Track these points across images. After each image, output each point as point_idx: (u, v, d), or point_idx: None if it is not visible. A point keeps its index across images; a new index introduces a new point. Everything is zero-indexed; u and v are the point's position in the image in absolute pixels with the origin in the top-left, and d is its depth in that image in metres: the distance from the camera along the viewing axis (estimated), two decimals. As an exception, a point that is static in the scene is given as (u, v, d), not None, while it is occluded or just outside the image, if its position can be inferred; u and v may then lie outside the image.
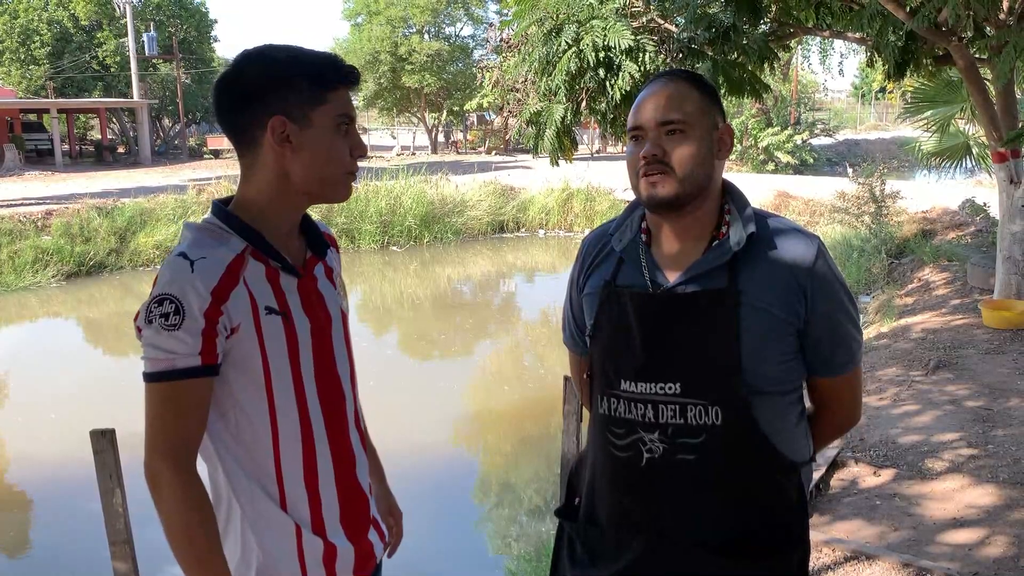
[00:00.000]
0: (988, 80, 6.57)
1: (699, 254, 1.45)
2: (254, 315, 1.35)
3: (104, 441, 2.92)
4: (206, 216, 1.42)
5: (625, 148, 1.52)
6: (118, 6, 30.11)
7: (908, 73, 6.51)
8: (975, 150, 9.70)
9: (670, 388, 1.42)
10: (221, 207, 1.41)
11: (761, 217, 1.47)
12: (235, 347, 1.34)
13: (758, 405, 1.41)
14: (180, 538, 1.31)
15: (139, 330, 1.32)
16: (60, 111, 27.26)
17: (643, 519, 1.48)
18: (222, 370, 1.35)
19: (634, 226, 1.53)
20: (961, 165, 10.08)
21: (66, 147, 28.74)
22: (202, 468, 1.41)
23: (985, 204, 11.47)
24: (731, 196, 1.49)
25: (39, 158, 27.10)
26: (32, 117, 29.56)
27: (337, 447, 1.47)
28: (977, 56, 6.36)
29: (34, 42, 31.55)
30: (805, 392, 1.56)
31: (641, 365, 1.44)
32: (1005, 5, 5.67)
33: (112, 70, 32.64)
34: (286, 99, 1.35)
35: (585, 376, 1.60)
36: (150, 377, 1.31)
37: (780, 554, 1.47)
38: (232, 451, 1.39)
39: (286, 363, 1.39)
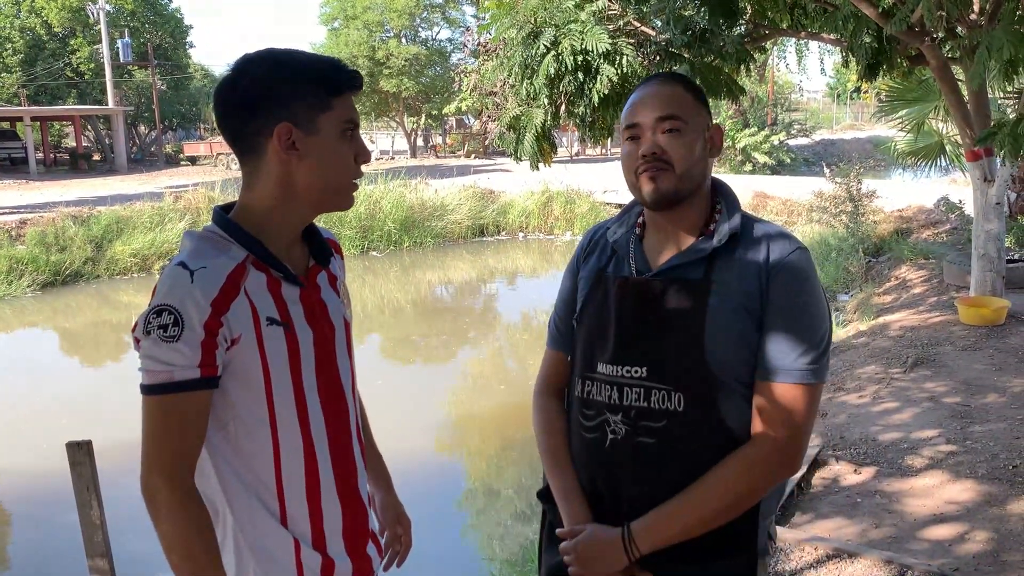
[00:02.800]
0: (960, 80, 6.65)
1: (686, 248, 1.49)
2: (255, 326, 1.32)
3: (81, 453, 2.88)
4: (207, 224, 1.39)
5: (621, 148, 1.53)
6: (92, 13, 29.82)
7: (881, 74, 6.57)
8: (949, 149, 9.80)
9: (636, 372, 1.46)
10: (222, 215, 1.38)
11: (749, 218, 1.51)
12: (235, 358, 1.31)
13: (722, 397, 1.43)
14: (179, 554, 1.28)
15: (137, 341, 1.29)
16: (34, 119, 26.95)
17: (609, 503, 1.51)
18: (222, 382, 1.31)
19: (631, 220, 1.59)
20: (936, 164, 10.18)
21: (40, 155, 28.43)
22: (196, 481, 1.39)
23: (960, 202, 11.61)
24: (723, 196, 1.54)
25: (12, 166, 26.79)
26: (5, 125, 29.21)
27: (339, 460, 1.44)
28: (949, 56, 6.44)
29: (6, 50, 31.18)
30: None
31: (614, 348, 1.49)
32: (976, 6, 5.74)
33: (86, 77, 32.33)
34: (292, 105, 1.32)
35: (568, 359, 1.63)
36: (148, 389, 1.28)
37: (727, 558, 1.46)
38: (231, 464, 1.36)
39: (287, 375, 1.36)
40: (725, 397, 1.43)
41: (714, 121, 1.56)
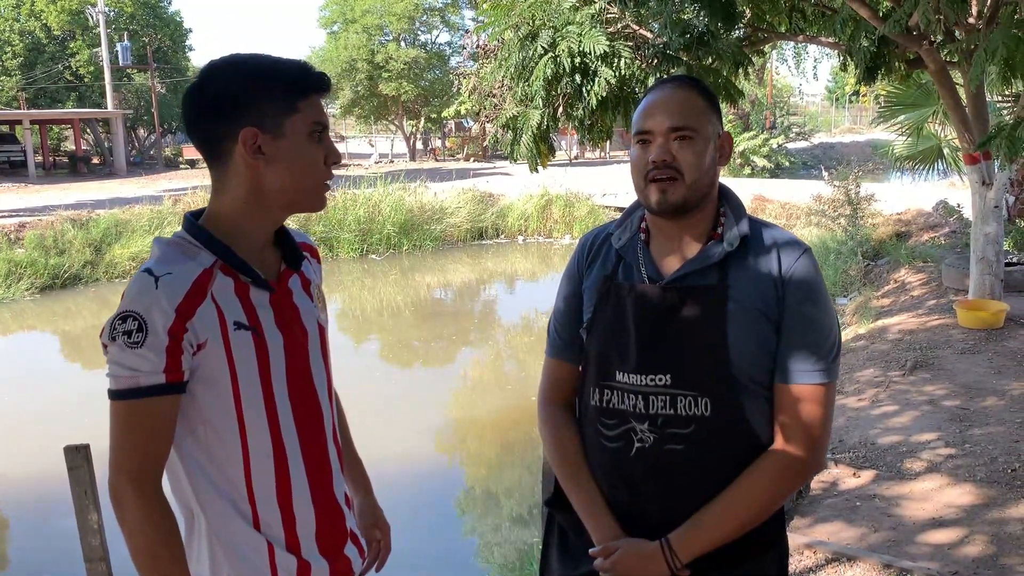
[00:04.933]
0: (959, 83, 6.66)
1: (694, 253, 1.49)
2: (222, 331, 1.32)
3: (79, 457, 2.87)
4: (177, 231, 1.39)
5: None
6: (91, 16, 29.83)
7: (879, 77, 6.57)
8: (947, 152, 9.82)
9: (660, 380, 1.46)
10: (192, 221, 1.38)
11: (755, 222, 1.52)
12: (202, 363, 1.31)
13: (746, 400, 1.45)
14: (144, 558, 1.29)
15: (105, 347, 1.30)
16: (33, 122, 26.94)
17: (631, 511, 1.50)
18: (190, 387, 1.32)
19: (634, 226, 1.58)
20: (934, 167, 10.19)
21: (39, 159, 28.40)
22: (168, 483, 1.38)
23: (958, 205, 11.62)
24: (727, 200, 1.54)
25: (12, 170, 26.73)
26: (4, 128, 29.16)
27: (313, 463, 1.44)
28: (948, 60, 6.44)
29: (5, 53, 31.18)
30: None
31: (635, 357, 1.48)
32: (974, 9, 5.75)
33: (86, 80, 32.32)
34: (257, 110, 1.32)
35: (579, 368, 1.62)
36: (114, 395, 1.29)
37: (759, 557, 1.50)
38: (202, 468, 1.36)
39: (256, 379, 1.36)
40: (749, 400, 1.45)
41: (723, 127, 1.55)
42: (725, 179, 1.51)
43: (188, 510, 1.38)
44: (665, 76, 6.05)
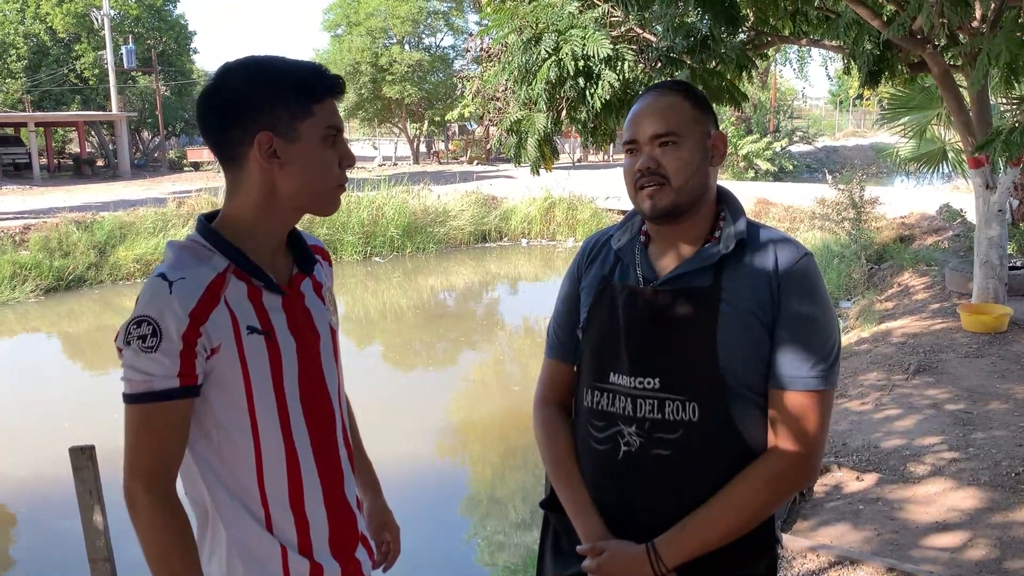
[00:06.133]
0: (962, 87, 6.66)
1: (691, 255, 1.49)
2: (235, 335, 1.32)
3: (84, 458, 2.88)
4: (190, 234, 1.39)
5: (622, 159, 1.54)
6: (96, 19, 29.92)
7: (883, 81, 6.58)
8: (951, 156, 9.82)
9: (649, 383, 1.45)
10: (205, 224, 1.39)
11: (754, 225, 1.51)
12: (216, 368, 1.32)
13: (736, 406, 1.43)
14: (157, 560, 1.30)
15: (119, 351, 1.31)
16: (38, 124, 27.04)
17: (619, 514, 1.50)
18: (203, 390, 1.33)
19: (634, 228, 1.58)
20: (938, 171, 10.20)
21: (44, 161, 28.53)
22: (183, 484, 1.39)
23: (961, 210, 11.62)
24: (727, 203, 1.54)
25: (16, 172, 26.84)
26: (9, 131, 29.25)
27: (325, 466, 1.45)
28: (951, 63, 6.44)
29: (10, 55, 31.30)
30: None
31: (626, 359, 1.47)
32: (978, 13, 5.75)
33: (91, 83, 32.42)
34: (272, 113, 1.32)
35: (574, 368, 1.62)
36: (129, 399, 1.30)
37: (748, 562, 1.49)
38: (216, 471, 1.37)
39: (269, 383, 1.37)
40: (739, 406, 1.43)
41: (718, 127, 1.55)
42: (728, 182, 1.52)
43: (203, 511, 1.39)
44: (668, 79, 6.08)
